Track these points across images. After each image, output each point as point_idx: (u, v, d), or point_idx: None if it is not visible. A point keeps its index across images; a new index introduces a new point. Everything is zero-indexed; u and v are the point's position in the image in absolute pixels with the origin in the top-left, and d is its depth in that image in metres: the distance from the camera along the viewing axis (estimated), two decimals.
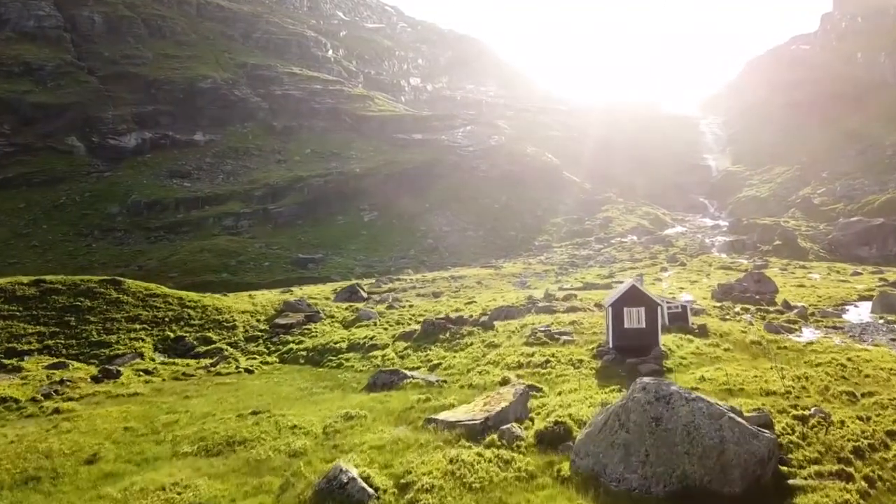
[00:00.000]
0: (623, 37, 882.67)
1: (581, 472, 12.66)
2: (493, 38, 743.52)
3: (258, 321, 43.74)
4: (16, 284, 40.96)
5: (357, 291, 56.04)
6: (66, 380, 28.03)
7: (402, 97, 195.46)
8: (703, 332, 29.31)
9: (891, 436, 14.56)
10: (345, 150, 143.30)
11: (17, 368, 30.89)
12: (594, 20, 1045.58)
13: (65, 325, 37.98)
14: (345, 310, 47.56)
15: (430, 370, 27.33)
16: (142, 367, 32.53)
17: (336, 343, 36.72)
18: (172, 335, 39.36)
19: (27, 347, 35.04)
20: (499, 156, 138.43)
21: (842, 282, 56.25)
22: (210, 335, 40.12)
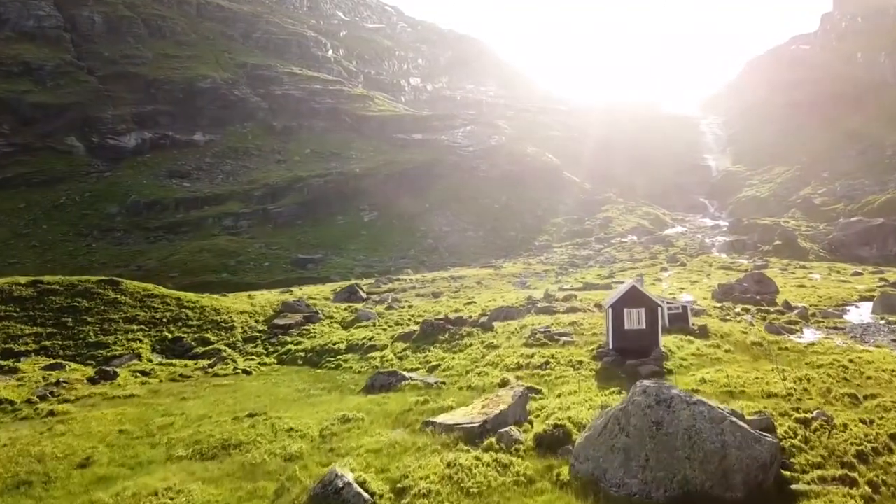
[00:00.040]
0: (623, 37, 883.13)
1: (580, 477, 12.47)
2: (493, 38, 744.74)
3: (257, 322, 43.56)
4: (13, 285, 40.77)
5: (356, 292, 55.84)
6: (63, 381, 27.84)
7: (402, 97, 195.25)
8: (704, 333, 29.15)
9: (894, 439, 14.37)
10: (345, 150, 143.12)
11: (14, 370, 30.73)
12: (594, 20, 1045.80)
13: (62, 326, 37.81)
14: (344, 310, 47.38)
15: (429, 371, 27.15)
16: (139, 369, 32.36)
17: (335, 344, 36.55)
18: (170, 336, 39.20)
19: (24, 348, 34.87)
20: (499, 156, 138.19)
21: (842, 282, 56.08)
22: (208, 336, 39.95)
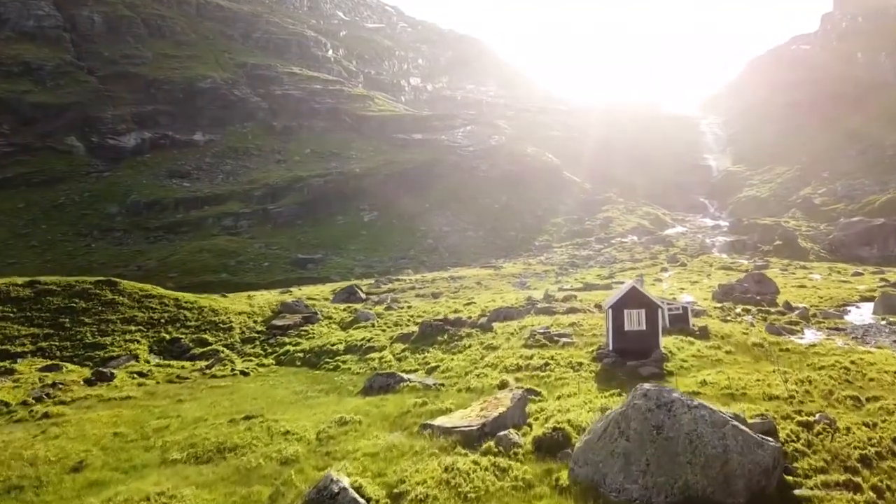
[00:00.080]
0: (623, 37, 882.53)
1: (580, 482, 12.26)
2: (493, 38, 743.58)
3: (255, 322, 43.35)
4: (10, 285, 40.60)
5: (356, 292, 55.65)
6: (59, 383, 27.63)
7: (402, 97, 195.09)
8: (705, 334, 28.96)
9: None
10: (345, 150, 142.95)
11: (10, 371, 30.52)
12: (594, 20, 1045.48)
13: (59, 327, 37.63)
14: (343, 311, 47.18)
15: (428, 373, 26.95)
16: (136, 370, 32.15)
17: (333, 345, 36.33)
18: (168, 337, 39.01)
19: (21, 349, 34.70)
20: (499, 156, 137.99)
21: (843, 282, 55.90)
22: (206, 337, 39.75)
